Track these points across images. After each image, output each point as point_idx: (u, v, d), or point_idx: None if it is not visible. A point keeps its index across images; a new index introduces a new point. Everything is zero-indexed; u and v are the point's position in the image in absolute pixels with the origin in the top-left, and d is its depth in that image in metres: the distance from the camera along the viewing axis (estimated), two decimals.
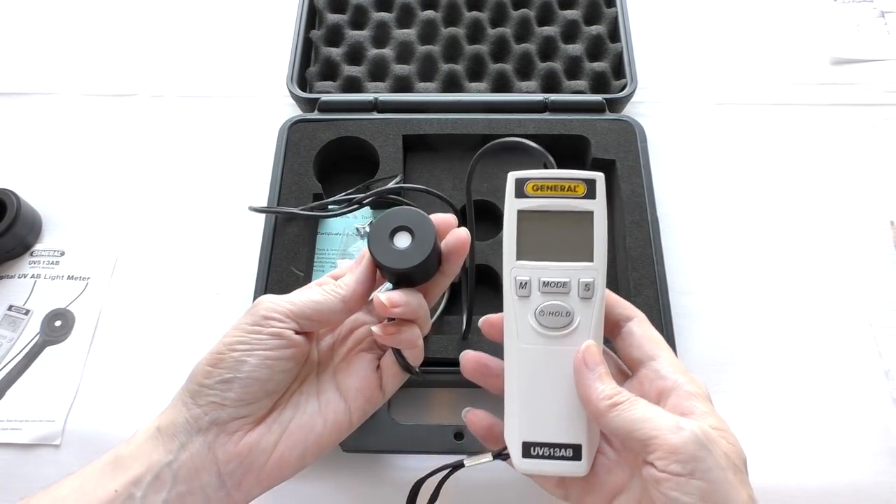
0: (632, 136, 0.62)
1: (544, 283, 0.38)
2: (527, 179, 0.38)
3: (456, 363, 0.52)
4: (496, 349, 0.40)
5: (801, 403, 0.55)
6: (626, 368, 0.41)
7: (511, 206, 0.38)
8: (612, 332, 0.40)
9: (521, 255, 0.38)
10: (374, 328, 0.39)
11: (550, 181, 0.38)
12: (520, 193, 0.38)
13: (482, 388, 0.42)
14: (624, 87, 0.67)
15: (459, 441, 0.50)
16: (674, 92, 0.72)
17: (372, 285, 0.40)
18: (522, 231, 0.38)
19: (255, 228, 0.60)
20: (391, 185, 0.59)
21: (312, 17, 0.74)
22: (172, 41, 0.77)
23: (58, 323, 0.60)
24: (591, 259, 0.38)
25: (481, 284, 0.56)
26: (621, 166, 0.61)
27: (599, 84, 0.69)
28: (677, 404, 0.35)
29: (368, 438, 0.50)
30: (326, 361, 0.41)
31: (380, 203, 0.61)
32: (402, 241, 0.38)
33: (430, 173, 0.63)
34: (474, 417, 0.41)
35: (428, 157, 0.64)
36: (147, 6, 0.79)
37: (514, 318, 0.38)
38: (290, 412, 0.38)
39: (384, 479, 0.53)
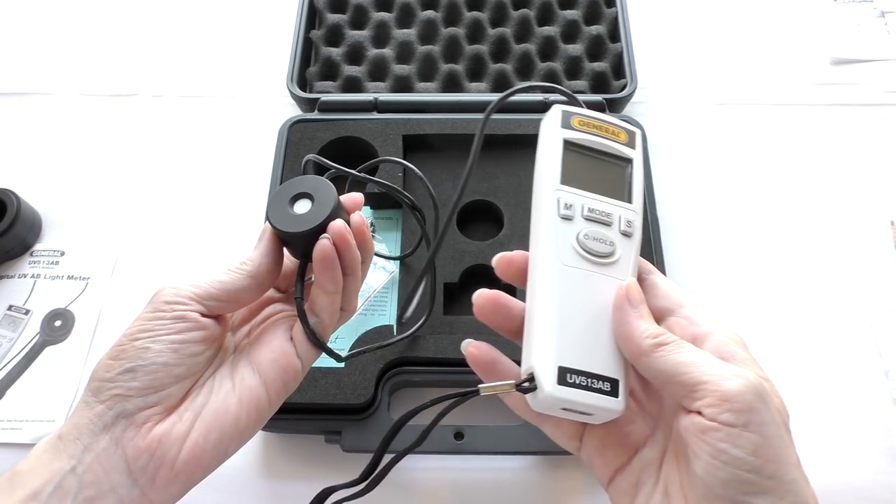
0: None
1: (590, 209, 0.36)
2: (574, 114, 0.38)
3: (454, 364, 0.52)
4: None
5: (800, 403, 0.55)
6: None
7: (556, 134, 0.37)
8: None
9: (565, 181, 0.36)
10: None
11: (597, 121, 0.38)
12: (566, 124, 0.37)
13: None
14: (624, 87, 0.67)
15: (459, 441, 0.50)
16: (674, 92, 0.72)
17: (279, 258, 0.38)
18: (567, 159, 0.37)
19: (255, 228, 0.60)
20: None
21: (312, 17, 0.74)
22: (172, 41, 0.77)
23: (58, 323, 0.60)
24: (630, 202, 0.37)
25: (475, 284, 0.56)
26: None
27: (599, 84, 0.69)
28: (717, 348, 0.32)
29: (368, 438, 0.50)
30: (243, 347, 0.39)
31: (381, 202, 0.61)
32: (302, 206, 0.37)
33: (430, 173, 0.63)
34: (476, 350, 0.37)
35: (428, 157, 0.64)
36: (147, 6, 0.79)
37: (556, 239, 0.35)
38: (203, 398, 0.36)
39: (383, 479, 0.53)
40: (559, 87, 0.41)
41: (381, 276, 0.59)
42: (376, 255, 0.59)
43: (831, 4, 0.78)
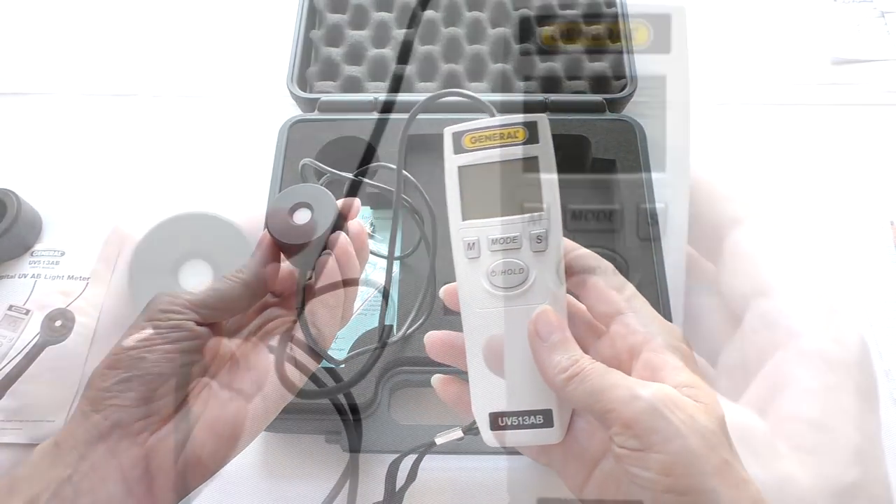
0: (632, 136, 0.62)
1: (493, 240, 0.35)
2: (464, 132, 0.36)
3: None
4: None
5: None
6: (599, 325, 0.37)
7: (451, 164, 0.36)
8: (578, 288, 0.37)
9: (467, 215, 0.36)
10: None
11: (488, 130, 0.35)
12: (458, 149, 0.36)
13: None
14: (624, 87, 0.67)
15: (459, 441, 0.50)
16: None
17: (276, 267, 0.39)
18: (466, 188, 0.36)
19: (254, 228, 0.60)
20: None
21: (312, 17, 0.74)
22: (172, 41, 0.77)
23: (58, 323, 0.59)
24: (540, 209, 0.35)
25: None
26: (621, 166, 0.61)
27: (599, 84, 0.69)
28: (648, 360, 0.33)
29: (368, 438, 0.50)
30: (241, 353, 0.39)
31: (380, 203, 0.61)
32: (302, 216, 0.37)
33: (430, 174, 0.63)
34: (440, 384, 0.39)
35: (428, 157, 0.64)
36: (147, 6, 0.79)
37: (467, 282, 0.36)
38: (199, 407, 0.35)
39: (384, 479, 0.53)
40: (462, 91, 0.39)
41: (381, 276, 0.60)
42: (376, 255, 0.59)
43: (831, 4, 0.78)
